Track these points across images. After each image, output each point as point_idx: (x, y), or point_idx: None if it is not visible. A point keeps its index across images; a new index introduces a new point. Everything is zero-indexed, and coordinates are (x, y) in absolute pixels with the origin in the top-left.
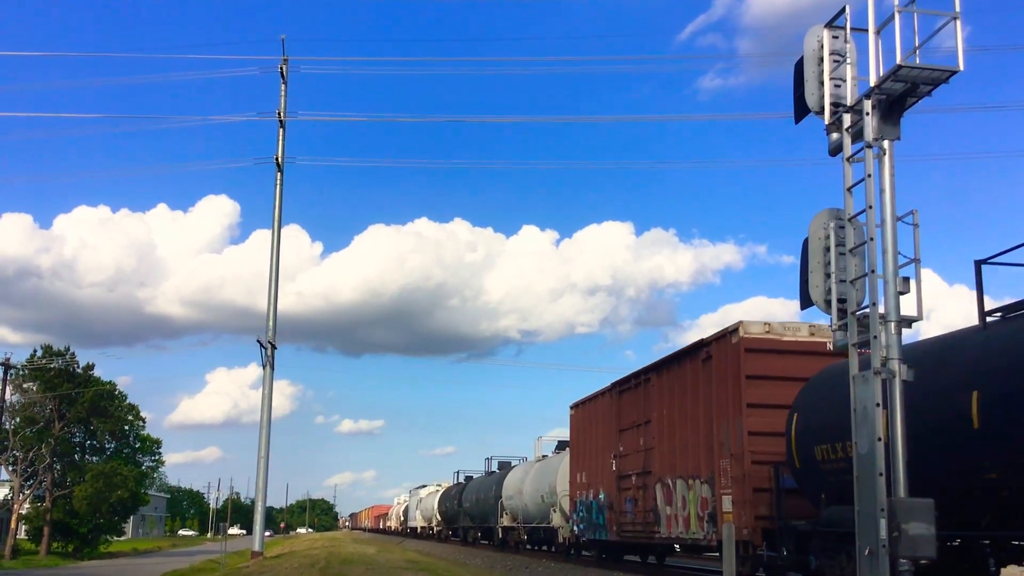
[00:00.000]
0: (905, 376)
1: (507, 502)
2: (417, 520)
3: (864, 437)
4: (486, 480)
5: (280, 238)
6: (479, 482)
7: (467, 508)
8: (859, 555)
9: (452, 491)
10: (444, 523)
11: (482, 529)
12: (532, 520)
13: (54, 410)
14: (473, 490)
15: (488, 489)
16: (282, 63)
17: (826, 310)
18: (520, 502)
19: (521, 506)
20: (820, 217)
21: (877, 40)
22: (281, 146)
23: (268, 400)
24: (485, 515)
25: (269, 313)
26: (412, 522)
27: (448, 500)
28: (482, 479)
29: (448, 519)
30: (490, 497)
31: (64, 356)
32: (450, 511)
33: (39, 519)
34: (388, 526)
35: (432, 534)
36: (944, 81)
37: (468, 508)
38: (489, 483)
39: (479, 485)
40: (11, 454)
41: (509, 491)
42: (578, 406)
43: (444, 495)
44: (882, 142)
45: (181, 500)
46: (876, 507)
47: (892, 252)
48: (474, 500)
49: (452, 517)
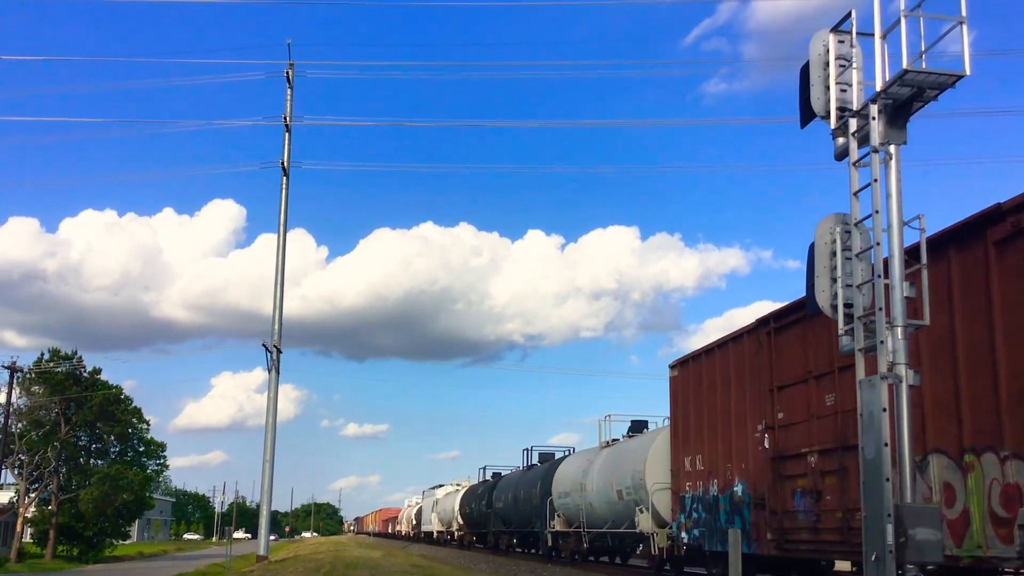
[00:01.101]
0: (912, 381)
1: (560, 501)
2: (433, 524)
3: (871, 442)
4: (526, 475)
5: (286, 242)
6: (516, 478)
7: (500, 509)
8: (865, 561)
9: (478, 490)
10: (467, 527)
11: (521, 535)
12: (600, 523)
13: (60, 413)
14: (508, 487)
15: (530, 485)
16: (288, 67)
17: (832, 315)
18: (580, 500)
19: (582, 506)
20: (826, 222)
21: (883, 44)
22: (287, 150)
23: (273, 404)
24: (526, 518)
25: (274, 317)
26: (427, 526)
27: (472, 500)
28: (520, 474)
29: (473, 523)
30: (533, 496)
31: (71, 360)
32: (476, 513)
33: (45, 522)
34: (398, 530)
35: (451, 540)
36: (950, 85)
37: (501, 509)
38: (531, 478)
39: (516, 481)
40: (17, 457)
41: (563, 487)
42: (686, 363)
43: (468, 495)
44: (888, 147)
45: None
46: (883, 512)
47: (899, 256)
48: (509, 500)
49: (479, 520)
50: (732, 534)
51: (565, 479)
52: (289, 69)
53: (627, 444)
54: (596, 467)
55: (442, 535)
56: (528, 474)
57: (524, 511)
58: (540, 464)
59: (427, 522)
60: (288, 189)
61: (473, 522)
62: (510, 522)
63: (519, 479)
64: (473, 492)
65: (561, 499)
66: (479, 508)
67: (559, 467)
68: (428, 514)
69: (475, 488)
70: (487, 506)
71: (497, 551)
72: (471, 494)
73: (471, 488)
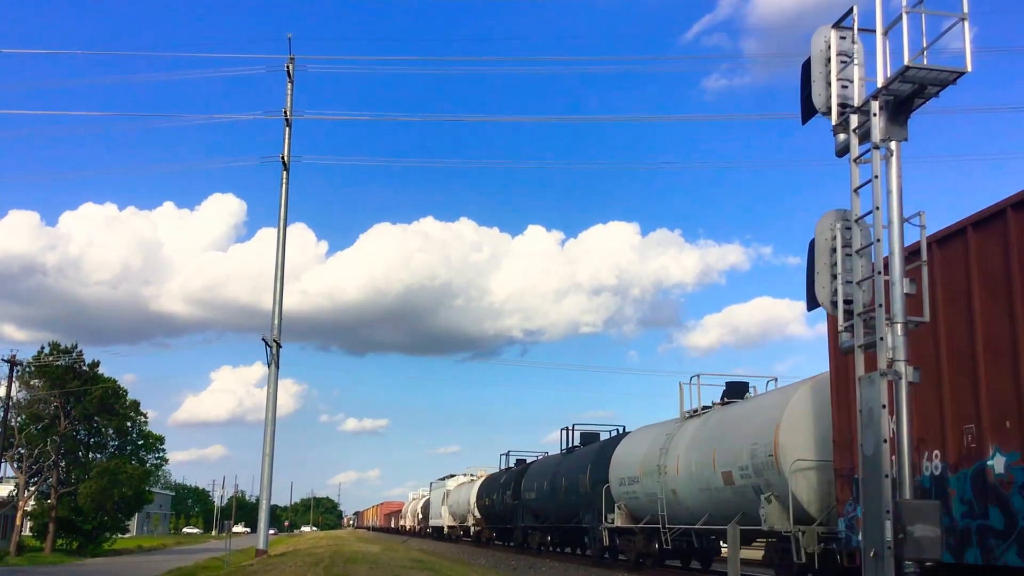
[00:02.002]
0: (912, 378)
1: (622, 490)
2: (443, 518)
3: (870, 439)
4: (568, 459)
5: (286, 237)
6: (553, 464)
7: (530, 501)
8: (864, 557)
9: (500, 479)
10: (486, 522)
11: (561, 532)
12: (689, 517)
13: (59, 407)
14: (542, 475)
15: (575, 471)
16: (288, 62)
17: (832, 311)
18: (657, 488)
19: (661, 494)
20: (827, 218)
21: (885, 41)
22: (287, 145)
23: (273, 398)
24: (568, 511)
25: (274, 311)
26: (436, 520)
27: (494, 491)
28: (557, 459)
29: (494, 517)
30: (580, 483)
31: (71, 353)
32: (498, 506)
33: (44, 516)
34: (401, 525)
35: (465, 536)
36: (952, 82)
37: (532, 501)
38: (576, 463)
39: (554, 467)
40: (16, 451)
41: (626, 471)
42: None
43: (487, 485)
44: (889, 143)
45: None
46: (882, 509)
47: (899, 253)
48: (545, 490)
49: (501, 514)
50: (731, 529)
51: (629, 461)
52: (290, 63)
53: (738, 409)
54: (683, 443)
55: (454, 531)
56: (570, 458)
57: (566, 503)
58: (584, 445)
59: (436, 516)
60: (288, 183)
61: (494, 516)
62: (544, 516)
63: (558, 465)
64: (494, 482)
65: (625, 487)
66: (502, 500)
67: (619, 446)
68: (437, 507)
69: (496, 477)
70: (513, 497)
71: (526, 550)
72: (491, 484)
73: (491, 477)
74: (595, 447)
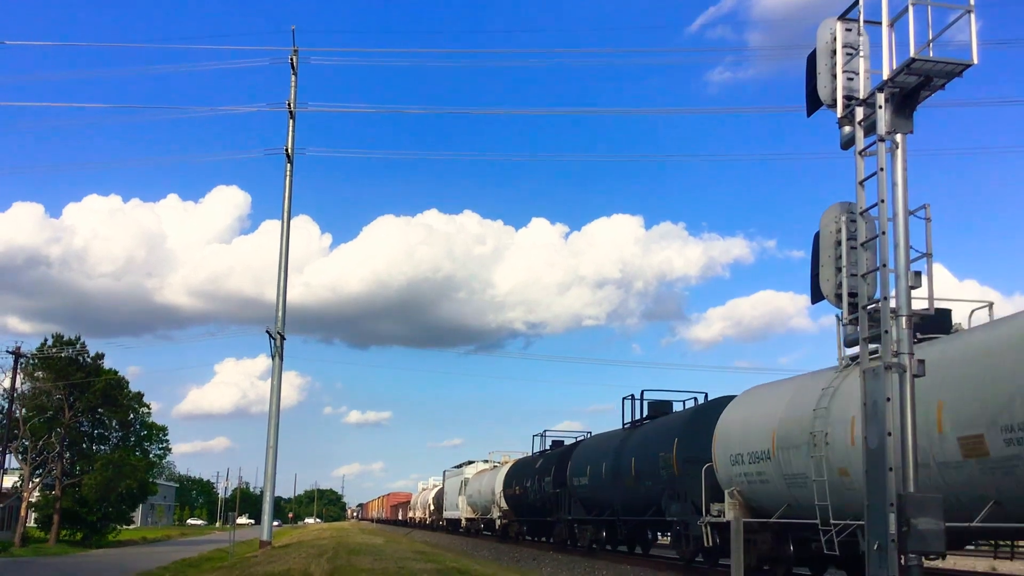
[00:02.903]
0: (916, 371)
1: (737, 470)
2: (461, 510)
3: (874, 432)
4: (641, 433)
5: (290, 229)
6: (614, 440)
7: (580, 488)
8: (868, 550)
9: (536, 464)
10: (516, 514)
11: (629, 527)
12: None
13: (63, 399)
14: (600, 454)
15: (655, 446)
16: (292, 54)
17: (837, 304)
18: (818, 464)
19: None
20: (832, 211)
21: (891, 33)
22: (291, 137)
23: (277, 390)
24: (644, 499)
25: (278, 304)
26: (452, 512)
27: (527, 477)
28: (621, 434)
29: (526, 508)
30: (665, 463)
31: (75, 345)
32: (532, 495)
33: (49, 507)
34: (410, 517)
35: (489, 530)
36: (958, 74)
37: (583, 488)
38: (657, 435)
39: (619, 445)
40: (21, 443)
41: (745, 442)
42: None
43: (517, 471)
44: (895, 136)
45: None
46: (886, 502)
47: (904, 246)
48: (604, 473)
49: (537, 505)
50: (735, 523)
51: (750, 430)
52: (293, 56)
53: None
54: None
55: (474, 524)
56: (642, 432)
57: (637, 490)
58: (654, 418)
59: (452, 507)
60: (292, 176)
61: (527, 507)
62: (601, 507)
63: (622, 442)
64: (526, 467)
65: (742, 467)
66: (538, 488)
67: (728, 411)
68: (454, 498)
69: (528, 462)
70: (555, 485)
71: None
72: (523, 470)
73: (522, 462)
74: (684, 416)
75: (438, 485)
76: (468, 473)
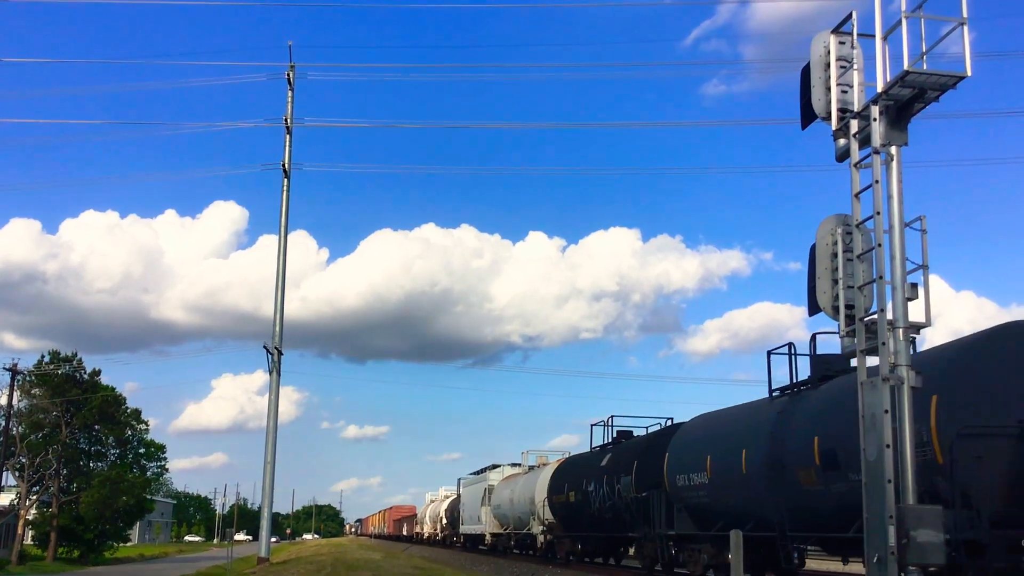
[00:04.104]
0: (914, 382)
1: None
2: (485, 523)
3: (872, 444)
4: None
5: (287, 244)
6: (756, 416)
7: (688, 491)
8: (867, 562)
9: (599, 460)
10: (563, 527)
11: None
12: None
13: (60, 416)
14: (730, 439)
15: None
16: (289, 69)
17: (834, 316)
18: None
19: None
20: (828, 223)
21: (884, 46)
22: (288, 152)
23: (274, 405)
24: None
25: (276, 319)
26: (472, 526)
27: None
28: (767, 408)
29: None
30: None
31: (71, 362)
32: (596, 503)
33: (46, 525)
34: (417, 532)
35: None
36: (952, 87)
37: (696, 493)
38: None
39: (773, 424)
40: (18, 460)
41: None
42: None
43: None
44: (890, 148)
45: (187, 506)
46: (885, 514)
47: (900, 258)
48: (746, 467)
49: (603, 516)
50: (734, 535)
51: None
52: (290, 71)
53: None
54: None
55: (501, 540)
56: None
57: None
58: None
59: (472, 521)
60: (289, 191)
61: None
62: (731, 516)
63: (780, 415)
64: (585, 466)
65: None
66: (608, 493)
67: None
68: (474, 509)
69: (589, 459)
70: (639, 487)
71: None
72: (578, 469)
73: (576, 461)
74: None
75: (450, 496)
76: (493, 479)
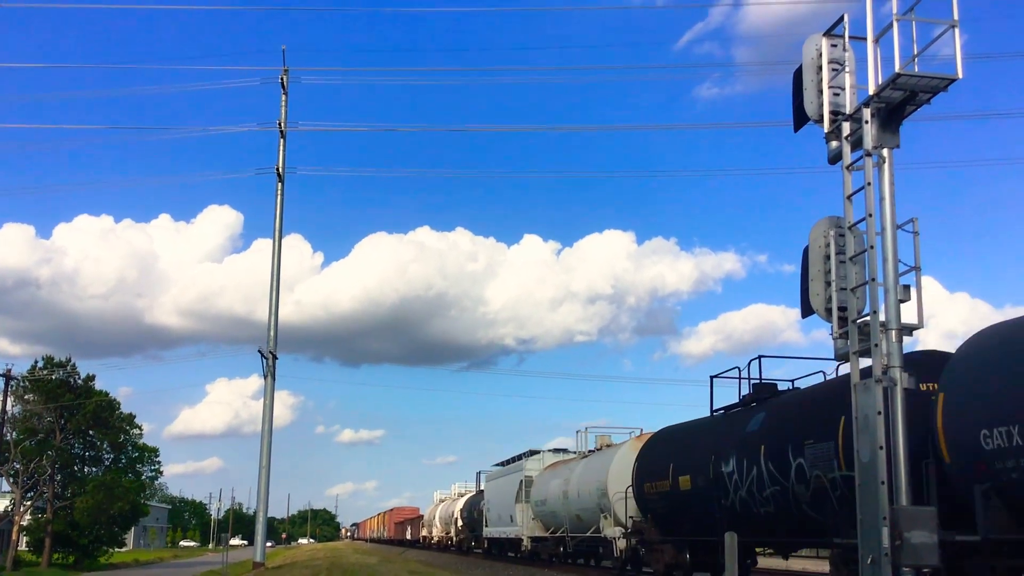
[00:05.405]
0: (907, 384)
1: None
2: (521, 524)
3: (866, 445)
4: None
5: (281, 248)
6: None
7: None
8: (861, 564)
9: (743, 423)
10: (661, 531)
11: None
12: None
13: (54, 421)
14: None
15: None
16: (283, 73)
17: (827, 318)
18: None
19: None
20: (820, 225)
21: (876, 48)
22: (282, 156)
23: (269, 410)
24: None
25: (270, 323)
26: (500, 528)
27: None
28: None
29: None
30: None
31: (65, 367)
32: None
33: (40, 530)
34: (424, 536)
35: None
36: (943, 89)
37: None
38: None
39: None
40: (12, 466)
41: None
42: None
43: (659, 450)
44: (881, 150)
45: (182, 511)
46: (878, 515)
47: (892, 260)
48: None
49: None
50: (728, 537)
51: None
52: (284, 75)
53: None
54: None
55: (544, 547)
56: None
57: None
58: None
59: (501, 521)
60: (283, 195)
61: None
62: None
63: None
64: (706, 438)
65: None
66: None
67: None
68: (504, 507)
69: (705, 429)
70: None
71: None
72: (695, 443)
73: (679, 433)
74: None
75: (467, 493)
76: (531, 469)
